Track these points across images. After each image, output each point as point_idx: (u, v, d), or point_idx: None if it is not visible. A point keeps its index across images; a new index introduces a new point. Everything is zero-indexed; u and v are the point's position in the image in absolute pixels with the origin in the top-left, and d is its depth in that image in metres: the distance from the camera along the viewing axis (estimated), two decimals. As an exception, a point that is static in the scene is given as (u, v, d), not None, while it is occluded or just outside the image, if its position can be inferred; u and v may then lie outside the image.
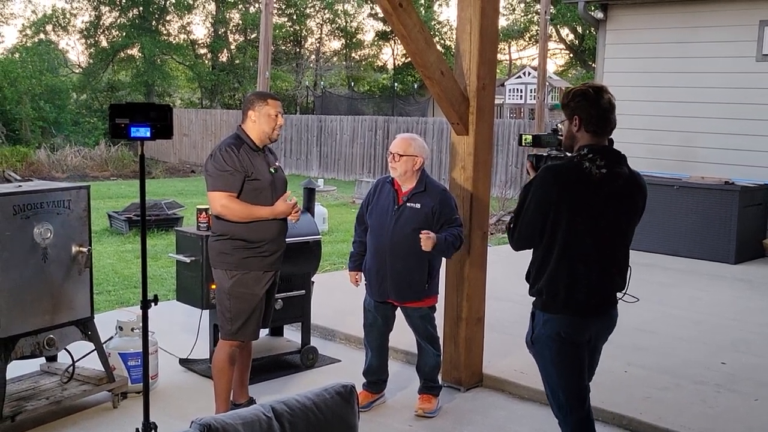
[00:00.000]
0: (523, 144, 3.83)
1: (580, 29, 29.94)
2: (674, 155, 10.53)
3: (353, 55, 37.68)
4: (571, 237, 3.31)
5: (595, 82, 3.61)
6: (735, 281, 8.53)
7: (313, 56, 36.66)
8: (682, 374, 5.48)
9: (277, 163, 4.56)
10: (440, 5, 37.27)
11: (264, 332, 5.56)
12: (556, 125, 3.61)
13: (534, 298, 3.47)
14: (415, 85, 31.62)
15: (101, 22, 32.64)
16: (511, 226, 3.42)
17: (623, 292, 3.53)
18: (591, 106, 3.31)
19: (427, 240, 4.46)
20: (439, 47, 5.43)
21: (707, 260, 9.40)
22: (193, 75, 33.54)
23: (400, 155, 4.63)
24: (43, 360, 4.98)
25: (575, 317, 3.38)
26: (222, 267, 4.36)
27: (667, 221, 9.77)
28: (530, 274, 3.47)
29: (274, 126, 4.40)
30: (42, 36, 32.09)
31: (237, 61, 33.95)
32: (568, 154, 3.45)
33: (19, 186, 4.64)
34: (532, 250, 3.46)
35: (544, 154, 3.63)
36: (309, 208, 5.84)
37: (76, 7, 32.77)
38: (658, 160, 10.58)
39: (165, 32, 33.26)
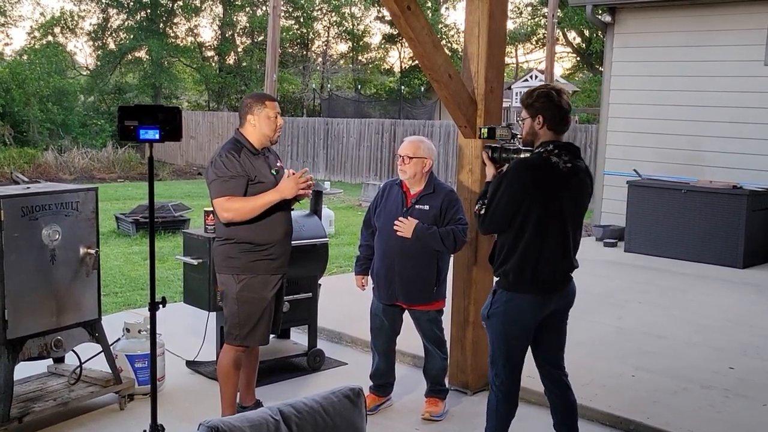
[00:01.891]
0: (480, 136, 4.11)
1: (587, 32, 29.91)
2: (682, 159, 10.50)
3: (360, 57, 37.68)
4: (541, 226, 3.68)
5: (555, 84, 3.97)
6: (743, 285, 8.50)
7: (320, 59, 36.69)
8: (690, 379, 5.46)
9: (278, 164, 4.50)
10: (447, 8, 37.30)
11: (270, 335, 5.56)
12: (517, 120, 3.90)
13: (498, 278, 3.85)
14: (422, 88, 31.63)
15: (109, 25, 32.74)
16: (482, 212, 3.76)
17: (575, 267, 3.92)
18: (554, 107, 3.70)
19: (407, 225, 4.50)
20: (446, 50, 5.43)
21: (715, 264, 9.36)
22: (201, 77, 33.59)
23: (410, 157, 4.63)
24: (50, 361, 4.99)
25: (537, 296, 3.77)
26: (228, 271, 4.31)
27: (675, 225, 9.74)
28: (495, 257, 3.85)
29: (274, 128, 4.34)
30: (50, 38, 32.18)
31: (244, 64, 34.00)
32: (521, 147, 3.85)
33: (27, 188, 4.64)
34: (497, 234, 3.85)
35: (498, 145, 3.95)
36: (316, 210, 5.84)
37: (84, 10, 32.89)
38: (665, 164, 10.56)
39: (172, 35, 33.32)
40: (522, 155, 3.81)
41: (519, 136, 3.91)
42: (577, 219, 3.84)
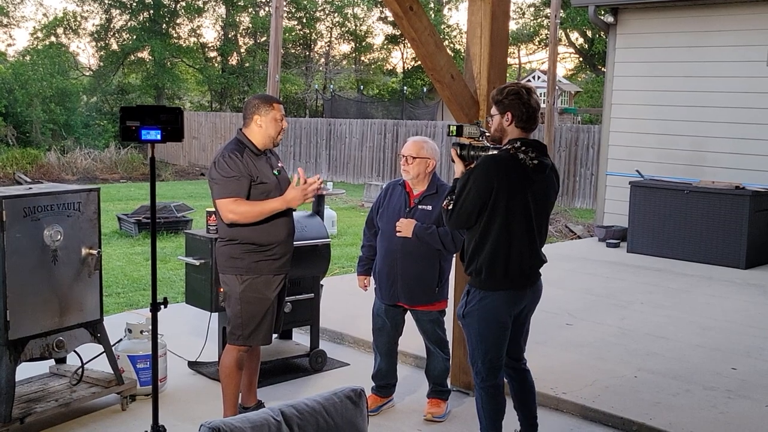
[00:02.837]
0: (450, 134, 4.12)
1: (589, 33, 29.90)
2: (685, 160, 10.49)
3: (362, 58, 37.73)
4: (508, 221, 3.74)
5: (525, 83, 4.02)
6: (746, 286, 8.49)
7: (322, 59, 36.73)
8: (693, 380, 5.45)
9: (280, 164, 4.51)
10: (450, 9, 37.39)
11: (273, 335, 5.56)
12: (487, 119, 4.02)
13: (471, 277, 3.88)
14: (425, 89, 31.65)
15: (112, 25, 32.80)
16: (449, 207, 3.81)
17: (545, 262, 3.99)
18: (523, 105, 3.78)
19: (405, 225, 4.53)
20: (448, 51, 5.43)
21: (718, 265, 9.35)
22: (203, 78, 33.63)
23: (413, 158, 4.63)
24: (52, 362, 4.98)
25: (510, 291, 3.84)
26: (232, 272, 4.30)
27: (678, 226, 9.73)
28: (466, 254, 3.89)
29: (279, 130, 4.36)
30: (53, 39, 32.24)
31: (247, 65, 34.03)
32: (488, 144, 3.92)
33: (30, 188, 4.64)
34: (466, 231, 3.90)
35: (467, 143, 3.99)
36: (318, 211, 5.84)
37: (87, 11, 32.96)
38: (668, 165, 10.55)
39: (175, 35, 33.37)
40: (490, 152, 3.87)
41: (487, 134, 3.99)
42: (544, 215, 3.91)
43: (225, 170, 4.21)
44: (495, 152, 3.84)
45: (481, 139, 4.00)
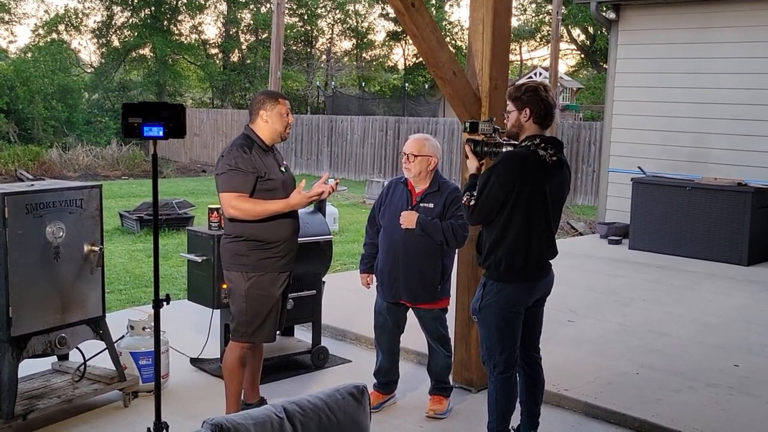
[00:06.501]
0: (464, 130, 4.18)
1: (591, 30, 29.86)
2: (687, 156, 10.47)
3: (364, 55, 37.71)
4: (529, 215, 3.82)
5: (541, 81, 4.11)
6: (748, 283, 8.48)
7: (323, 56, 36.71)
8: (695, 376, 5.44)
9: (284, 162, 4.53)
10: (451, 5, 37.32)
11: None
12: (503, 115, 4.04)
13: (487, 270, 3.96)
14: (426, 86, 31.62)
15: (113, 22, 32.81)
16: (471, 203, 3.86)
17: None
18: (541, 101, 3.85)
19: (408, 216, 4.55)
20: (450, 47, 5.43)
21: (720, 262, 9.34)
22: (205, 75, 33.64)
23: (415, 156, 4.62)
24: (54, 359, 4.99)
25: (527, 283, 3.93)
26: (237, 269, 4.29)
27: (680, 223, 9.72)
28: (484, 247, 3.95)
29: (285, 125, 4.37)
30: (54, 36, 32.26)
31: (248, 61, 34.03)
32: (500, 140, 4.00)
33: (32, 185, 4.64)
34: (484, 226, 3.95)
35: (480, 139, 4.05)
36: (320, 208, 5.83)
37: (89, 7, 32.97)
38: (670, 161, 10.54)
39: (176, 32, 33.38)
40: (504, 149, 3.95)
41: (501, 130, 4.05)
42: (558, 209, 4.00)
43: (232, 164, 4.21)
44: (511, 148, 3.91)
45: (494, 135, 4.04)
